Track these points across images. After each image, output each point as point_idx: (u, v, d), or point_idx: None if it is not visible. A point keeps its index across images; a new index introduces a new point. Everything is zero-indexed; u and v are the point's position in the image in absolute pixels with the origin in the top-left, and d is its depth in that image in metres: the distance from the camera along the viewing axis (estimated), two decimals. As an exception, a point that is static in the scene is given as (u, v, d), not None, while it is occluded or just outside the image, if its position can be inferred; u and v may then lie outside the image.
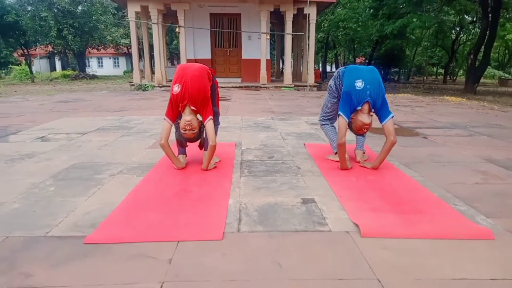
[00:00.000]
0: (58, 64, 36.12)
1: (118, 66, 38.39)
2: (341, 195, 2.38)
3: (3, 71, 27.54)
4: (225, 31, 13.06)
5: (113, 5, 24.01)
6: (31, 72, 23.73)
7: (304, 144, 3.82)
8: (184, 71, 2.81)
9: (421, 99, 9.65)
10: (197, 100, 2.76)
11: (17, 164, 3.08)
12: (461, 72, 28.94)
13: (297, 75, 14.75)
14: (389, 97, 2.94)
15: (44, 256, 1.64)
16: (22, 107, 7.18)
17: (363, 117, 2.78)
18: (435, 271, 1.56)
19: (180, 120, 2.79)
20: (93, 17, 23.32)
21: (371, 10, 18.74)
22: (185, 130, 2.74)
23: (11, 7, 22.10)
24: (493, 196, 2.43)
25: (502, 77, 23.78)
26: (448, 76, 26.45)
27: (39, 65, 27.61)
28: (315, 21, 12.24)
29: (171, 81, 2.80)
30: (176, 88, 2.75)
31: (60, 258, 1.63)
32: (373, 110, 2.83)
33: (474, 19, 20.48)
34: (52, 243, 1.76)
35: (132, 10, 12.03)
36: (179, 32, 11.90)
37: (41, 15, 21.35)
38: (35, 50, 26.50)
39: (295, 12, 12.00)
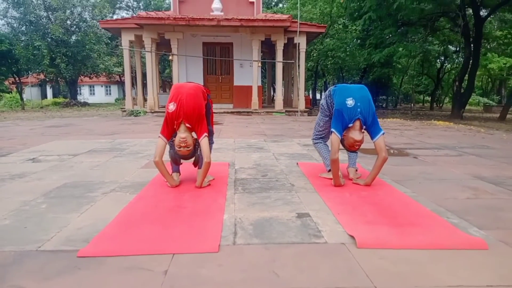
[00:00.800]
0: (49, 92, 36.22)
1: (110, 94, 38.60)
2: (336, 209, 2.39)
3: (-7, 99, 27.44)
4: (218, 59, 13.35)
5: (106, 34, 24.44)
6: (21, 99, 23.69)
7: (297, 163, 3.85)
8: (180, 90, 2.86)
9: (409, 123, 9.86)
10: (192, 118, 2.79)
11: (7, 184, 3.03)
12: (447, 99, 29.77)
13: (288, 101, 15.01)
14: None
15: (36, 269, 1.61)
16: (13, 131, 7.13)
17: (355, 134, 2.84)
18: (433, 278, 1.56)
19: (175, 138, 2.81)
20: (87, 47, 23.65)
21: (359, 40, 19.41)
22: (180, 147, 2.76)
23: (5, 36, 22.36)
24: (485, 209, 2.47)
25: (487, 104, 24.47)
26: (434, 103, 27.15)
27: (30, 93, 27.64)
28: (305, 50, 12.63)
29: (163, 107, 2.85)
30: (172, 106, 2.79)
31: (52, 271, 1.59)
32: (364, 127, 2.90)
33: (458, 49, 21.31)
34: (44, 257, 1.72)
35: (126, 39, 12.29)
36: (172, 60, 12.12)
37: (35, 44, 21.60)
38: (27, 78, 26.59)
39: (286, 42, 12.36)
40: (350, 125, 2.85)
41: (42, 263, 1.66)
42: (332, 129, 2.87)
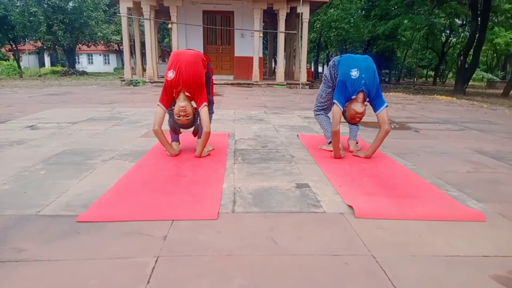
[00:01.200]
0: (47, 60, 35.63)
1: (109, 63, 37.99)
2: (336, 181, 2.39)
3: (-10, 66, 27.00)
4: (218, 29, 13.04)
5: (104, 1, 23.79)
6: (19, 67, 23.33)
7: (297, 135, 3.83)
8: (179, 57, 2.79)
9: (412, 97, 9.76)
10: (192, 86, 2.74)
11: (6, 150, 3.02)
12: (451, 74, 29.36)
13: (289, 74, 14.81)
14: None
15: (36, 233, 1.61)
16: (11, 99, 7.06)
17: (357, 106, 2.80)
18: (430, 248, 1.57)
19: (174, 106, 2.77)
20: (84, 13, 23.06)
21: (363, 11, 18.92)
22: (179, 116, 2.72)
23: (0, 1, 21.72)
24: (484, 183, 2.47)
25: (491, 80, 24.16)
26: (438, 78, 26.82)
27: (28, 61, 27.13)
28: (307, 20, 12.32)
29: (163, 77, 2.79)
30: (171, 74, 2.73)
31: (52, 235, 1.60)
32: (367, 99, 2.85)
33: (464, 22, 20.80)
34: (44, 221, 1.73)
35: (124, 6, 11.95)
36: (171, 28, 11.84)
37: (31, 10, 21.02)
38: (23, 45, 26.07)
39: (288, 11, 12.04)
40: (353, 97, 2.80)
41: (42, 227, 1.66)
42: (334, 101, 2.82)
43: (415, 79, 24.71)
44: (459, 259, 1.50)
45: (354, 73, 2.77)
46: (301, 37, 12.20)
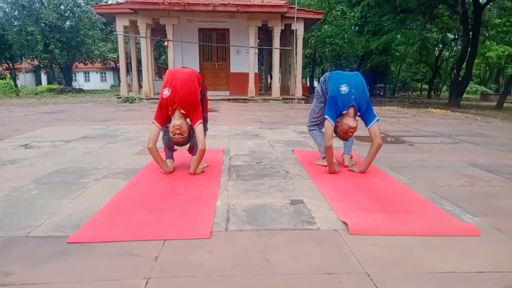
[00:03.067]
0: (44, 78, 35.76)
1: (105, 80, 38.16)
2: (331, 197, 2.37)
3: (-13, 85, 27.02)
4: (214, 45, 13.18)
5: (101, 20, 24.02)
6: (16, 86, 23.38)
7: (292, 150, 3.83)
8: (174, 75, 2.81)
9: (406, 111, 9.83)
10: (187, 104, 2.74)
11: (-2, 170, 3.00)
12: (445, 87, 29.67)
13: (285, 89, 14.91)
14: (375, 109, 2.99)
15: (24, 255, 1.59)
16: (6, 117, 7.04)
17: (349, 121, 2.81)
18: (424, 265, 1.56)
19: (169, 124, 2.77)
20: (81, 32, 23.25)
21: (357, 27, 19.20)
22: (174, 134, 2.72)
23: (-3, 21, 21.94)
24: (479, 197, 2.46)
25: (484, 92, 24.43)
26: (432, 91, 27.08)
27: (24, 79, 27.27)
28: (302, 37, 12.48)
29: (159, 93, 2.79)
30: (166, 92, 2.74)
31: (41, 257, 1.57)
32: (358, 114, 2.87)
33: (456, 37, 21.16)
34: (33, 242, 1.70)
35: (120, 24, 12.09)
36: (167, 46, 11.95)
37: (28, 30, 21.19)
38: (20, 64, 26.19)
39: (283, 28, 12.21)
40: (344, 112, 2.82)
41: (31, 249, 1.64)
42: (326, 116, 2.84)
43: (410, 92, 24.94)
44: (454, 275, 1.48)
45: (344, 88, 2.80)
46: (296, 53, 12.35)
